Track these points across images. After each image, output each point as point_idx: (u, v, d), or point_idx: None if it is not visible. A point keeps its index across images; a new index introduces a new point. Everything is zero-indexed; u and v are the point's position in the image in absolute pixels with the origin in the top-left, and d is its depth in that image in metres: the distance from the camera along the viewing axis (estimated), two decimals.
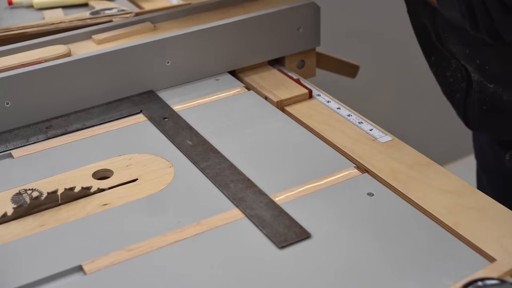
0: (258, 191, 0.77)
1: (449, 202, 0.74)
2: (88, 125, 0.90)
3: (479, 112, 0.92)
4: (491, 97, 0.89)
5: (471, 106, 0.93)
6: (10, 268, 0.68)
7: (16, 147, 0.86)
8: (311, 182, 0.78)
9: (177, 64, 0.97)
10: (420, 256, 0.68)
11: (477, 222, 0.72)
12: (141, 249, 0.69)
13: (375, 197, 0.76)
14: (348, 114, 0.92)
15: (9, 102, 0.88)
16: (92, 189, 0.77)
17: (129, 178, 0.80)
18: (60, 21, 1.07)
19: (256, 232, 0.71)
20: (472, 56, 0.86)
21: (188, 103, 0.94)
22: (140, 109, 0.93)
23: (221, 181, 0.78)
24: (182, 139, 0.86)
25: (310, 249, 0.69)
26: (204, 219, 0.73)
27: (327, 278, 0.66)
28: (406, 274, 0.66)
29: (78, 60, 0.91)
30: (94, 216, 0.74)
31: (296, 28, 1.03)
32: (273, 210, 0.74)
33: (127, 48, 0.93)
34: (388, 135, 0.87)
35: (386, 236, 0.70)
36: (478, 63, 0.86)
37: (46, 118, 0.91)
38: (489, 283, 0.62)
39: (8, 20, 1.15)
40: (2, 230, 0.72)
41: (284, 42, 1.03)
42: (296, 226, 0.71)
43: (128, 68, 0.94)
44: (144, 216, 0.74)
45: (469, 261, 0.67)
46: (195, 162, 0.82)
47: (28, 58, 0.92)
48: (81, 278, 0.67)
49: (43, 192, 0.77)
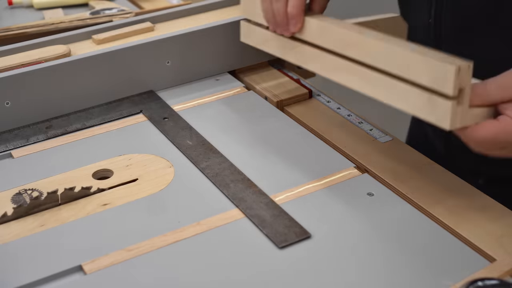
0: (258, 191, 0.77)
1: (449, 202, 0.74)
2: (88, 125, 0.90)
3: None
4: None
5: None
6: (10, 268, 0.68)
7: (16, 147, 0.86)
8: (311, 182, 0.78)
9: (177, 64, 0.97)
10: (420, 256, 0.68)
11: (477, 222, 0.72)
12: (141, 249, 0.69)
13: (375, 197, 0.76)
14: (348, 114, 0.92)
15: (9, 102, 0.88)
16: (92, 189, 0.77)
17: (129, 178, 0.80)
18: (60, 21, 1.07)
19: (256, 232, 0.71)
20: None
21: (188, 103, 0.94)
22: (140, 109, 0.93)
23: (221, 181, 0.78)
24: (182, 139, 0.86)
25: (310, 249, 0.69)
26: (204, 219, 0.73)
27: (327, 278, 0.66)
28: (406, 274, 0.66)
29: (78, 60, 0.91)
30: (94, 216, 0.74)
31: None
32: (273, 210, 0.74)
33: (127, 48, 0.93)
34: (388, 135, 0.87)
35: (386, 236, 0.70)
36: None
37: (46, 118, 0.91)
38: (489, 283, 0.62)
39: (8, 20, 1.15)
40: (2, 230, 0.72)
41: None
42: (296, 226, 0.71)
43: (128, 68, 0.94)
44: (144, 216, 0.74)
45: (469, 261, 0.67)
46: (195, 162, 0.82)
47: (28, 58, 0.92)
48: (81, 278, 0.67)
49: (43, 192, 0.77)
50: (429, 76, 0.67)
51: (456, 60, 0.66)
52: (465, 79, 0.65)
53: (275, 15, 0.82)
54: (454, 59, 0.66)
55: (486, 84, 0.66)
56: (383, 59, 0.72)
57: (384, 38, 0.73)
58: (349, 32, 0.75)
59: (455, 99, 0.65)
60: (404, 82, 0.70)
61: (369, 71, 0.74)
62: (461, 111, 0.66)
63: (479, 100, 0.66)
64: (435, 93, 0.67)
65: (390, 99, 0.72)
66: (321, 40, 0.80)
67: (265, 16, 0.84)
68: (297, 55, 0.84)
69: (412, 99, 0.69)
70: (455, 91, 0.65)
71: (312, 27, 0.81)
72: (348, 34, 0.75)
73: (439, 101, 0.66)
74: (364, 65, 0.74)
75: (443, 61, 0.66)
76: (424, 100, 0.68)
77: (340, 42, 0.77)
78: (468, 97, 0.66)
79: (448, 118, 0.66)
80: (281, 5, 0.81)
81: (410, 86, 0.69)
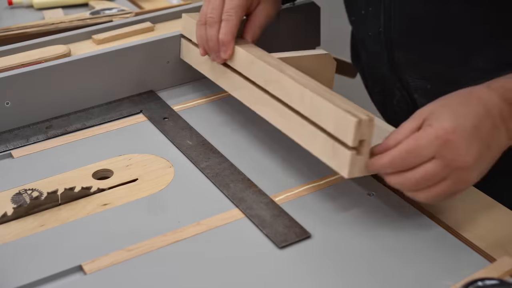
0: (258, 191, 0.77)
1: (449, 202, 0.74)
2: (88, 125, 0.90)
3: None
4: None
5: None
6: (10, 268, 0.68)
7: (16, 147, 0.86)
8: (311, 182, 0.78)
9: (177, 64, 0.97)
10: (420, 256, 0.68)
11: (477, 222, 0.72)
12: (141, 249, 0.69)
13: (375, 197, 0.76)
14: None
15: (9, 102, 0.87)
16: (92, 189, 0.77)
17: (129, 178, 0.80)
18: (60, 21, 1.07)
19: (256, 232, 0.71)
20: (433, 92, 0.87)
21: (188, 103, 0.94)
22: (140, 109, 0.93)
23: (221, 181, 0.78)
24: (182, 139, 0.86)
25: (310, 249, 0.69)
26: (204, 219, 0.73)
27: (326, 278, 0.66)
28: (406, 274, 0.66)
29: (78, 60, 0.91)
30: (94, 216, 0.74)
31: (295, 28, 1.03)
32: (273, 210, 0.74)
33: (127, 48, 0.93)
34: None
35: (386, 236, 0.70)
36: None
37: (46, 118, 0.90)
38: (489, 283, 0.62)
39: (8, 20, 1.15)
40: (2, 230, 0.72)
41: (284, 42, 1.03)
42: (296, 226, 0.71)
43: (128, 68, 0.94)
44: (144, 216, 0.74)
45: (469, 261, 0.67)
46: (195, 162, 0.82)
47: (28, 58, 0.92)
48: (81, 278, 0.67)
49: (43, 192, 0.77)
50: (334, 124, 0.69)
51: (360, 113, 0.67)
52: (366, 131, 0.67)
53: (208, 41, 0.85)
54: (360, 111, 0.68)
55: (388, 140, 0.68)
56: (298, 100, 0.74)
57: (301, 79, 0.75)
58: (271, 68, 0.78)
59: (354, 150, 0.68)
60: (314, 126, 0.72)
61: (286, 109, 0.76)
62: (360, 161, 0.68)
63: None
64: (338, 141, 0.69)
65: (300, 139, 0.75)
66: (247, 72, 0.83)
67: (198, 41, 0.87)
68: (227, 82, 0.87)
69: (318, 143, 0.72)
70: (355, 142, 0.67)
71: (241, 57, 0.83)
72: (270, 70, 0.78)
73: (341, 150, 0.69)
74: (282, 103, 0.77)
75: (347, 112, 0.68)
76: (328, 146, 0.70)
77: (263, 76, 0.80)
78: (368, 149, 0.68)
79: (347, 167, 0.68)
80: (213, 32, 0.84)
81: (319, 130, 0.72)
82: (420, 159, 0.65)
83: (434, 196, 0.66)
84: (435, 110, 0.66)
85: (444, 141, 0.64)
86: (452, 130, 0.64)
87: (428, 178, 0.65)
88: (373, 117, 0.67)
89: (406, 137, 0.66)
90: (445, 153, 0.64)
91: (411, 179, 0.65)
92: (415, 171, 0.65)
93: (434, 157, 0.65)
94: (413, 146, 0.65)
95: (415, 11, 0.83)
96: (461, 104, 0.67)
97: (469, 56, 0.82)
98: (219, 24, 0.84)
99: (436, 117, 0.65)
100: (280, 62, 0.80)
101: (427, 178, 0.65)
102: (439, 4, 0.80)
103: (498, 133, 0.66)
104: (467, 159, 0.65)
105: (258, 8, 0.88)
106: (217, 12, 0.84)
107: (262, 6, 0.88)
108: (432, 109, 0.67)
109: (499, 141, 0.67)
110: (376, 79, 1.00)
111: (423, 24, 0.83)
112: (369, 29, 0.89)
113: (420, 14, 0.82)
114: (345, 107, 0.69)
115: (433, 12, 0.81)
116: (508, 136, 0.67)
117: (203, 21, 0.85)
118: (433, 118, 0.66)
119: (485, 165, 0.67)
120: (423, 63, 0.85)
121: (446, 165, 0.64)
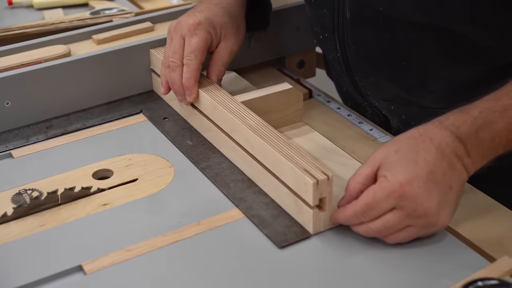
0: (258, 191, 0.77)
1: None
2: (88, 125, 0.90)
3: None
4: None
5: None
6: (10, 268, 0.68)
7: (16, 147, 0.86)
8: None
9: None
10: (420, 256, 0.68)
11: (477, 222, 0.72)
12: (141, 249, 0.69)
13: None
14: (348, 114, 0.92)
15: (9, 102, 0.87)
16: (92, 189, 0.77)
17: (129, 178, 0.80)
18: (60, 21, 1.07)
19: (256, 232, 0.71)
20: (397, 111, 0.88)
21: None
22: (140, 109, 0.93)
23: (221, 181, 0.78)
24: (182, 139, 0.86)
25: (310, 249, 0.69)
26: (204, 219, 0.73)
27: (327, 278, 0.66)
28: (406, 274, 0.66)
29: (78, 60, 0.91)
30: (94, 216, 0.74)
31: (295, 28, 1.03)
32: (273, 210, 0.74)
33: (127, 48, 0.93)
34: (388, 135, 0.87)
35: None
36: (403, 117, 0.88)
37: (46, 118, 0.90)
38: (489, 283, 0.62)
39: (8, 20, 1.15)
40: (2, 230, 0.72)
41: (284, 42, 1.03)
42: (296, 226, 0.71)
43: (128, 68, 0.94)
44: (144, 216, 0.74)
45: (469, 261, 0.67)
46: (195, 162, 0.82)
47: (28, 58, 0.92)
48: (81, 278, 0.67)
49: (43, 192, 0.77)
50: (294, 182, 0.70)
51: (318, 172, 0.68)
52: (325, 190, 0.68)
53: (173, 84, 0.85)
54: (319, 169, 0.68)
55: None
56: (260, 153, 0.75)
57: (262, 130, 0.75)
58: (233, 117, 0.78)
59: (316, 208, 0.69)
60: (277, 179, 0.73)
61: (251, 159, 0.77)
62: (324, 216, 0.69)
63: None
64: (300, 198, 0.70)
65: (268, 190, 0.75)
66: (212, 116, 0.83)
67: (162, 81, 0.87)
68: (196, 122, 0.87)
69: (283, 197, 0.73)
70: (315, 201, 0.68)
71: (206, 102, 0.83)
72: (232, 119, 0.78)
73: (304, 207, 0.69)
74: (247, 152, 0.77)
75: (305, 171, 0.68)
76: (292, 201, 0.71)
77: (227, 124, 0.80)
78: (330, 204, 0.69)
79: (311, 224, 0.69)
80: (176, 76, 0.84)
81: (282, 185, 0.72)
82: (380, 211, 0.66)
83: (403, 240, 0.68)
84: (389, 157, 0.67)
85: (401, 194, 0.65)
86: (407, 183, 0.65)
87: (389, 227, 0.66)
88: (331, 175, 0.68)
89: (363, 185, 0.67)
90: (403, 204, 0.65)
91: (374, 229, 0.67)
92: (376, 222, 0.67)
93: (394, 208, 0.66)
94: (371, 200, 0.66)
95: (367, 39, 0.83)
96: (413, 151, 0.67)
97: (426, 80, 0.82)
98: (181, 68, 0.84)
99: (390, 168, 0.66)
100: (243, 108, 0.79)
101: (388, 227, 0.66)
102: (389, 32, 0.80)
103: (456, 171, 0.67)
104: (428, 205, 0.65)
105: (220, 46, 0.87)
106: (178, 56, 0.84)
107: (223, 44, 0.87)
108: (386, 155, 0.67)
109: (458, 179, 0.67)
110: (346, 96, 1.02)
111: (377, 51, 0.83)
112: (329, 53, 0.90)
113: (373, 41, 0.82)
114: (303, 165, 0.69)
115: (385, 39, 0.81)
116: (467, 171, 0.68)
117: (166, 64, 0.85)
118: (387, 168, 0.66)
119: (452, 204, 0.67)
120: (382, 86, 0.85)
121: (407, 214, 0.66)
